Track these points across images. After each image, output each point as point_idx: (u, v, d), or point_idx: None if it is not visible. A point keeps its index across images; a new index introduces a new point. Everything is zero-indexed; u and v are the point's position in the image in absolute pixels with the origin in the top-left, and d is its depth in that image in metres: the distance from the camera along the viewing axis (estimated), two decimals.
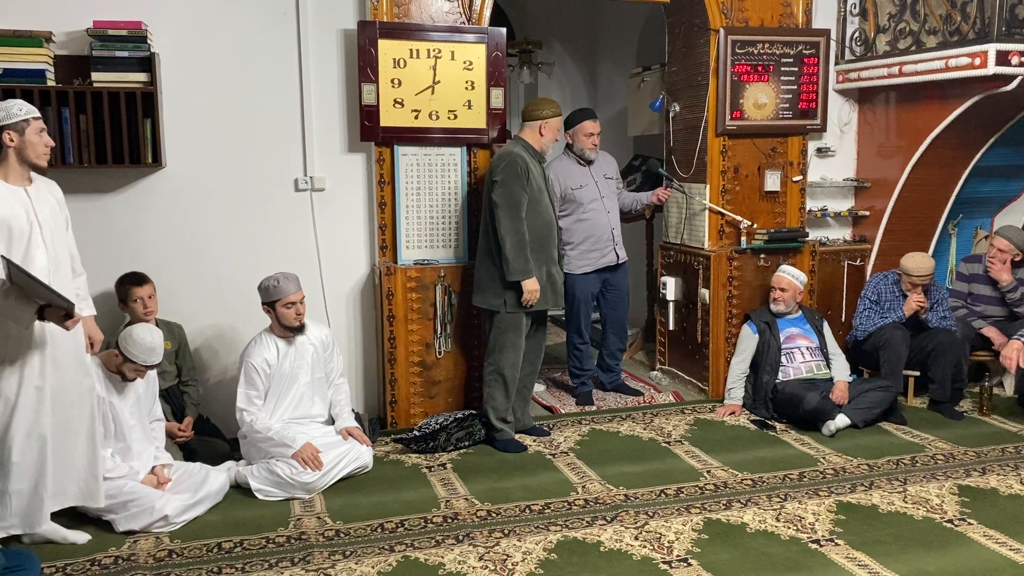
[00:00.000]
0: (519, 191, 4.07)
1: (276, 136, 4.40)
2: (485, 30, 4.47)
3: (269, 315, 3.90)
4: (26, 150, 3.08)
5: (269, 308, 3.88)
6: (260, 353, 3.85)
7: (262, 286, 3.89)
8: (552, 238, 4.28)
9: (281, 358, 3.88)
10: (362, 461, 3.92)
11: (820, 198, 5.36)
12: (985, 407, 4.76)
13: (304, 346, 3.95)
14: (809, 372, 4.70)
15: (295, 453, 3.70)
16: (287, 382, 3.89)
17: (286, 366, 3.88)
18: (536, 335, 4.43)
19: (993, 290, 5.07)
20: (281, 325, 3.88)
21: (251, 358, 3.85)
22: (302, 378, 3.92)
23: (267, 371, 3.84)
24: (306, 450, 3.72)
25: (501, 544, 3.26)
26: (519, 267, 4.08)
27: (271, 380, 3.86)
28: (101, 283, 4.08)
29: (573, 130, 4.85)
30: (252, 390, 3.83)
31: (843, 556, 3.14)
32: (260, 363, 3.83)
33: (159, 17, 4.09)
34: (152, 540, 3.32)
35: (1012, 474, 3.92)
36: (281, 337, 3.91)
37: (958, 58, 4.41)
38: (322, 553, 3.20)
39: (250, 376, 3.83)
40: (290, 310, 3.85)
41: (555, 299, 4.35)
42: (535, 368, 4.51)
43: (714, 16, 4.83)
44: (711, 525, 3.41)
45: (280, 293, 3.84)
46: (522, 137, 4.26)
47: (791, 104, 5.00)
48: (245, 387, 3.84)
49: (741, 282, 5.01)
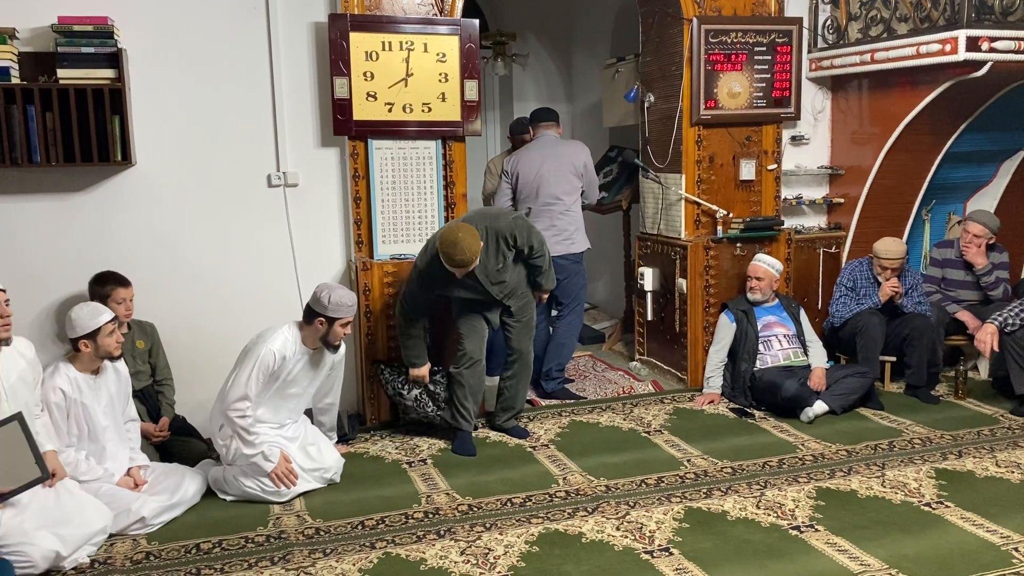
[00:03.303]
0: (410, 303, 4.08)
1: (247, 131, 4.34)
2: (458, 22, 4.44)
3: (320, 327, 3.67)
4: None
5: (326, 321, 3.66)
6: (282, 347, 3.62)
7: (333, 298, 3.63)
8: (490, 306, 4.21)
9: (295, 361, 3.69)
10: (330, 476, 3.79)
11: (795, 186, 5.38)
12: (960, 391, 4.81)
13: (320, 358, 3.79)
14: (787, 359, 4.72)
15: (272, 470, 3.59)
16: (284, 385, 3.70)
17: (294, 370, 3.69)
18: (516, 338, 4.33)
19: (966, 274, 5.12)
20: (325, 340, 3.71)
21: (273, 346, 3.60)
22: (298, 387, 3.76)
23: (278, 365, 3.63)
24: (280, 466, 3.60)
25: (483, 538, 3.25)
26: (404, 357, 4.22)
27: (272, 377, 3.64)
28: (71, 284, 4.04)
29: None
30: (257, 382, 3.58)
31: (823, 542, 3.16)
32: (279, 356, 3.61)
33: (126, 12, 4.02)
34: (129, 543, 3.28)
35: (988, 456, 3.97)
36: (306, 345, 3.72)
37: (929, 44, 4.43)
38: (302, 552, 3.17)
39: (264, 366, 3.57)
40: (344, 329, 3.71)
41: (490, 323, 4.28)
42: (515, 372, 4.38)
43: (687, 6, 4.82)
44: (692, 514, 3.42)
45: (348, 313, 3.68)
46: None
47: (765, 93, 5.01)
48: (251, 377, 3.55)
49: (718, 271, 5.02)
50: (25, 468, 2.99)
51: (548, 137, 5.09)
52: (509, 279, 4.17)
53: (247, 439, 3.59)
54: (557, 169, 4.92)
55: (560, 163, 4.93)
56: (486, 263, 4.04)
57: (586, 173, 5.02)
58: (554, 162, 4.93)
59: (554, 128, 5.15)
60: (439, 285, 4.04)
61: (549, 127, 5.13)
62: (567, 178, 4.94)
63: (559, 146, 5.03)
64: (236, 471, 3.64)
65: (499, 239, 4.05)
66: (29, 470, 3.00)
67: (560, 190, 4.92)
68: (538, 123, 5.19)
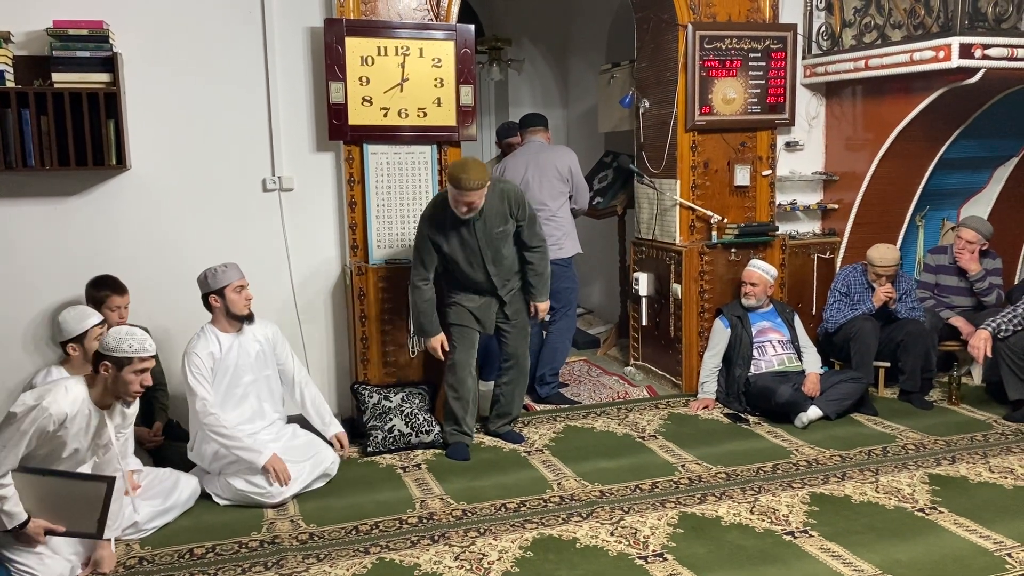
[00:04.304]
0: (416, 256, 4.12)
1: (243, 136, 4.34)
2: (454, 27, 4.45)
3: (216, 305, 3.71)
4: None
5: (217, 296, 3.70)
6: (204, 347, 3.66)
7: (206, 275, 3.71)
8: (484, 287, 4.19)
9: (225, 352, 3.72)
10: (324, 469, 3.81)
11: (789, 192, 5.40)
12: (954, 396, 4.82)
13: (249, 342, 3.80)
14: (781, 365, 4.73)
15: (265, 463, 3.58)
16: (231, 379, 3.71)
17: (230, 360, 3.72)
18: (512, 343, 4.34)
19: (960, 280, 5.14)
20: (229, 314, 3.72)
21: (195, 350, 3.65)
22: (246, 376, 3.76)
23: (211, 365, 3.66)
24: (275, 462, 3.60)
25: (477, 543, 3.24)
26: (415, 327, 4.24)
27: (216, 376, 3.68)
28: (66, 288, 4.03)
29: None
30: (206, 384, 3.61)
31: (817, 547, 3.17)
32: (205, 356, 3.64)
33: (121, 16, 4.02)
34: (122, 547, 3.27)
35: (981, 462, 3.98)
36: (224, 331, 3.75)
37: (922, 51, 4.45)
38: (296, 557, 3.16)
39: (198, 369, 3.61)
40: (240, 295, 3.72)
41: (486, 327, 4.27)
42: (512, 378, 4.38)
43: (682, 12, 4.84)
44: (686, 519, 3.42)
45: (229, 278, 3.70)
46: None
47: (759, 99, 5.03)
48: (198, 382, 3.59)
49: (712, 276, 5.03)
50: (85, 521, 2.98)
51: (535, 143, 5.09)
52: (506, 255, 4.17)
53: (226, 434, 3.57)
54: (542, 175, 4.93)
55: (544, 169, 4.93)
56: (488, 217, 4.05)
57: (572, 178, 4.99)
58: (538, 168, 4.93)
59: (541, 133, 5.15)
60: (440, 233, 4.03)
61: (536, 132, 5.14)
62: (552, 184, 4.94)
63: (544, 152, 5.03)
64: (229, 474, 3.64)
65: (505, 198, 4.10)
66: (87, 524, 2.99)
67: (545, 195, 4.92)
68: (525, 128, 5.20)
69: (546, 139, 5.17)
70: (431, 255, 4.09)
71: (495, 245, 4.12)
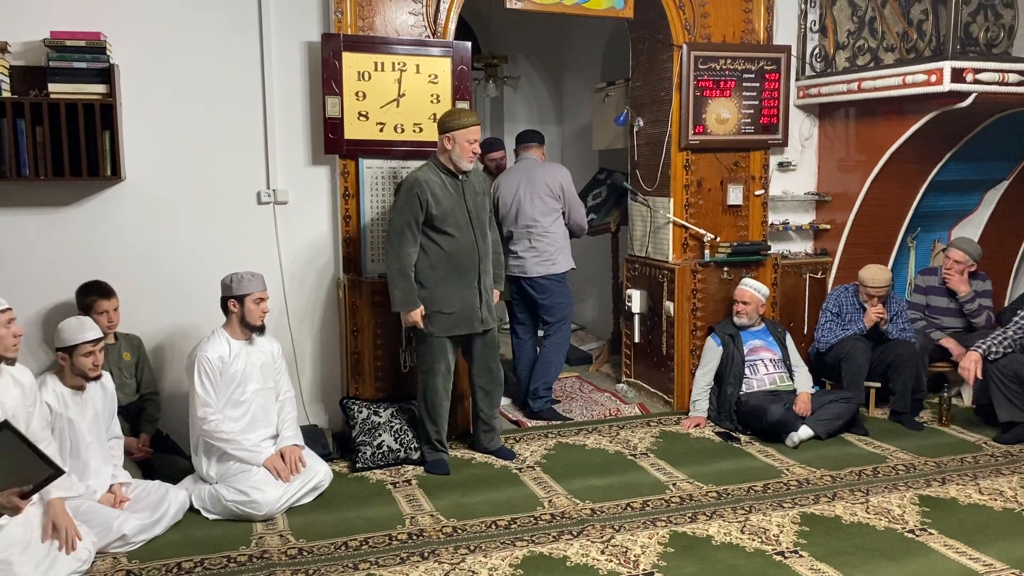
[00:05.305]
0: (402, 219, 3.99)
1: (238, 149, 4.35)
2: (450, 44, 4.47)
3: (233, 310, 3.77)
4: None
5: (237, 302, 3.76)
6: (215, 349, 3.72)
7: (231, 279, 3.77)
8: (471, 262, 4.11)
9: (233, 358, 3.76)
10: (315, 483, 3.81)
11: (782, 212, 5.43)
12: (944, 417, 4.83)
13: (256, 353, 3.85)
14: (772, 384, 4.74)
15: (266, 460, 3.68)
16: (237, 384, 3.75)
17: (237, 367, 3.75)
18: (482, 356, 4.29)
19: (950, 301, 5.17)
20: (244, 322, 3.78)
21: (205, 352, 3.70)
22: (251, 384, 3.79)
23: (219, 368, 3.70)
24: (275, 461, 3.69)
25: (467, 560, 3.23)
26: (398, 298, 4.01)
27: (222, 379, 3.71)
28: (59, 297, 4.02)
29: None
30: (211, 387, 3.68)
31: (807, 568, 3.16)
32: (215, 358, 3.69)
33: (119, 28, 4.03)
34: (110, 560, 3.24)
35: (971, 484, 3.98)
36: (235, 338, 3.79)
37: (915, 75, 4.50)
38: (284, 572, 3.14)
39: (206, 372, 3.67)
40: (258, 306, 3.79)
41: (471, 325, 4.16)
42: (489, 390, 4.34)
43: (677, 32, 4.88)
44: (677, 538, 3.42)
45: (252, 287, 3.77)
46: (435, 154, 4.15)
47: (753, 119, 5.06)
48: (203, 385, 3.66)
49: (705, 295, 5.05)
50: (32, 470, 2.93)
51: (528, 160, 5.11)
52: (492, 238, 4.27)
53: (225, 438, 3.66)
54: (533, 192, 4.94)
55: (536, 186, 4.94)
56: (476, 193, 4.16)
57: (564, 194, 4.98)
58: (531, 185, 4.95)
59: (535, 150, 5.15)
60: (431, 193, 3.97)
61: (529, 149, 5.15)
62: (543, 200, 4.94)
63: (536, 169, 5.04)
64: (220, 486, 3.64)
65: (485, 179, 4.35)
66: (38, 471, 2.94)
67: (537, 212, 4.93)
68: (520, 145, 5.23)
69: (540, 156, 5.18)
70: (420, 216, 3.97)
71: (482, 218, 4.17)
